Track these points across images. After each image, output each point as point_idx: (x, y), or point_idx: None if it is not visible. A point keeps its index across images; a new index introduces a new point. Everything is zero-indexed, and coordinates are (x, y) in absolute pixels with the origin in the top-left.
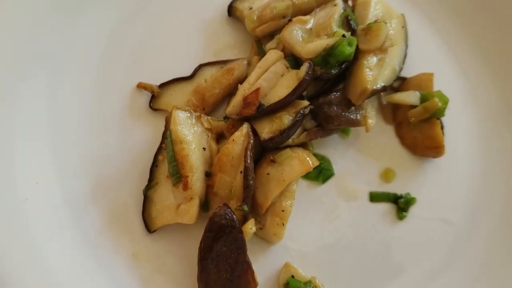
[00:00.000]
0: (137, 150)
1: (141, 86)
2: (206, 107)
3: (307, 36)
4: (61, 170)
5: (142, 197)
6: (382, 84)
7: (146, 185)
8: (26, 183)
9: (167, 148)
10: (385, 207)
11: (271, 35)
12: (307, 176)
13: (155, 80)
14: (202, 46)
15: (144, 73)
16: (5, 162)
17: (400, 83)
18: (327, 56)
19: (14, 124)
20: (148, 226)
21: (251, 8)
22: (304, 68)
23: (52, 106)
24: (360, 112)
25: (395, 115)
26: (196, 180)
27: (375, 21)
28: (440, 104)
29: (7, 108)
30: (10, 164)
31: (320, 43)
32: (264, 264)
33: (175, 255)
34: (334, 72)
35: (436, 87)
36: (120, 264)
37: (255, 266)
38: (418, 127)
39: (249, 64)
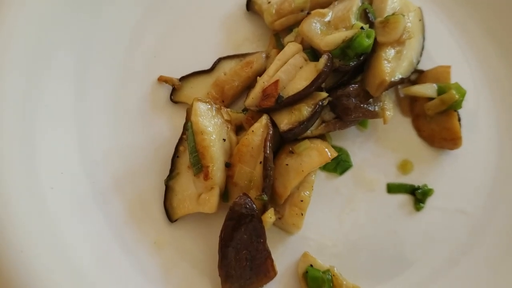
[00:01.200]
0: (158, 141)
1: (162, 80)
2: (226, 99)
3: (325, 28)
4: (85, 160)
5: (164, 187)
6: (400, 76)
7: (168, 175)
8: (51, 173)
9: (188, 139)
10: (403, 198)
11: (289, 29)
12: (325, 168)
13: (176, 74)
14: (222, 39)
15: (164, 67)
16: (30, 152)
17: (418, 75)
18: (345, 48)
19: (39, 114)
20: (170, 216)
21: (269, 2)
22: (323, 60)
23: (77, 98)
24: (378, 104)
25: (413, 107)
26: (217, 170)
27: (393, 14)
28: (457, 96)
29: (32, 98)
30: (35, 154)
31: (339, 35)
32: (283, 254)
33: (196, 243)
34: (353, 64)
35: (454, 79)
36: (142, 251)
37: (274, 255)
38: (435, 119)
39: (267, 57)
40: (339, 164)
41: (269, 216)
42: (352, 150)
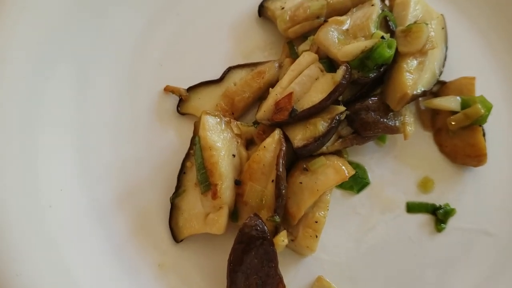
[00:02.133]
0: (164, 155)
1: (168, 90)
2: (236, 111)
3: (343, 37)
4: (86, 176)
5: (169, 204)
6: (422, 89)
7: (174, 193)
8: (50, 190)
9: (195, 155)
10: (423, 218)
11: (303, 37)
12: (341, 185)
13: (183, 83)
14: (232, 48)
15: (171, 76)
16: (28, 167)
17: (440, 87)
18: (365, 59)
19: (39, 128)
20: (175, 235)
21: (283, 8)
22: (341, 71)
23: (78, 109)
24: (399, 119)
25: (434, 121)
26: (226, 189)
27: (415, 22)
28: (482, 111)
29: (32, 111)
30: (34, 169)
31: (358, 45)
32: (296, 277)
33: (203, 267)
34: (372, 76)
35: (478, 92)
36: (145, 274)
37: (286, 279)
38: (458, 134)
39: (280, 66)
40: (356, 182)
41: (282, 239)
42: (370, 166)
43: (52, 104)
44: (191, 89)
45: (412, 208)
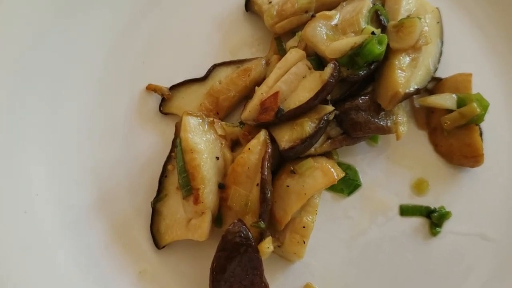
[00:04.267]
0: (144, 158)
1: (150, 88)
2: (220, 111)
3: (332, 33)
4: (62, 180)
5: (150, 209)
6: (416, 87)
7: (155, 197)
8: (25, 195)
9: (176, 158)
10: (417, 222)
11: (292, 32)
12: (331, 188)
13: (166, 82)
14: (217, 44)
15: (153, 74)
16: (2, 172)
17: (435, 84)
18: (354, 55)
19: (13, 130)
20: (157, 242)
21: (270, 2)
22: (329, 69)
23: (53, 109)
24: (391, 118)
25: (429, 119)
26: (208, 193)
27: (408, 17)
28: (478, 110)
29: (6, 113)
30: (7, 173)
31: (347, 41)
32: (283, 284)
33: (185, 274)
34: (362, 74)
35: (475, 89)
36: (125, 282)
37: (273, 286)
38: (454, 133)
39: (267, 63)
40: (346, 184)
41: (267, 246)
42: (361, 167)
43: (26, 105)
44: (174, 87)
45: (405, 211)
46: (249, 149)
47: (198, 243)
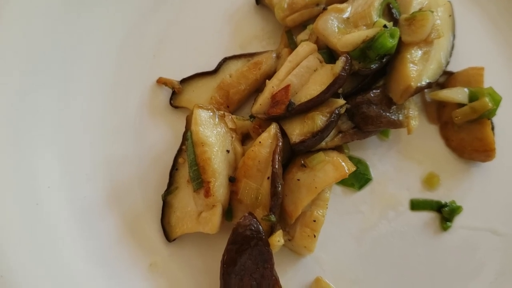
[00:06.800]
0: (155, 151)
1: (161, 82)
2: (231, 104)
3: (343, 26)
4: (74, 173)
5: (161, 202)
6: (427, 81)
7: (166, 190)
8: (37, 187)
9: (187, 151)
10: (428, 216)
11: (303, 25)
12: (342, 182)
13: (176, 75)
14: (227, 37)
15: (164, 68)
16: (14, 164)
17: (447, 78)
18: (366, 49)
19: (25, 123)
20: (168, 234)
21: None
22: (340, 62)
23: (65, 103)
24: (402, 112)
25: (440, 113)
26: (219, 186)
27: (420, 10)
28: (490, 104)
29: (17, 107)
30: (19, 166)
31: (359, 35)
32: (293, 278)
33: (196, 267)
34: (374, 67)
35: (487, 83)
36: (136, 275)
37: (283, 280)
38: (465, 127)
39: (278, 57)
40: (357, 178)
41: (277, 239)
42: (372, 161)
43: (38, 100)
44: (184, 81)
45: (416, 205)
46: (260, 142)
47: (208, 236)
